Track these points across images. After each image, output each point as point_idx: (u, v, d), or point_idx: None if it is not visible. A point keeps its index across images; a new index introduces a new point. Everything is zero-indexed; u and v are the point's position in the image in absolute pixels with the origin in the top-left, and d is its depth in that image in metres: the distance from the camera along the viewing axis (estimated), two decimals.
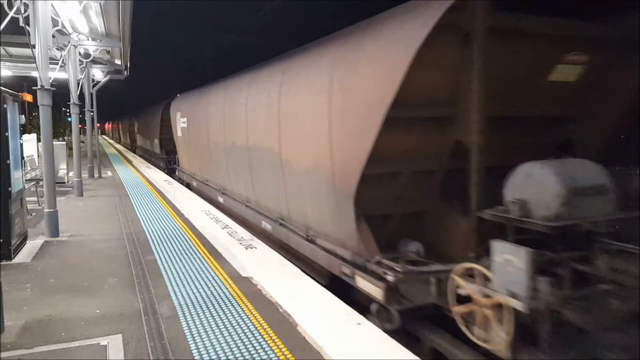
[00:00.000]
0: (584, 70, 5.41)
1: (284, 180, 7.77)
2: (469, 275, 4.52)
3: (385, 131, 4.91)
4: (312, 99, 6.50)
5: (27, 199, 9.42)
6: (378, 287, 5.25)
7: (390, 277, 5.04)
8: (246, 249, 7.67)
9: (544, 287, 3.94)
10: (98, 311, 5.15)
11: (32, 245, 8.00)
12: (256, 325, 4.73)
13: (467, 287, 4.49)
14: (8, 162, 6.93)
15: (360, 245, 5.67)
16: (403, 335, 5.29)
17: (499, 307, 4.21)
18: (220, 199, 12.12)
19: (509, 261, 4.09)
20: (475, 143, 4.78)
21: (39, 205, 11.64)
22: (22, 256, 7.36)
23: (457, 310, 4.61)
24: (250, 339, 4.43)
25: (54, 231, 8.59)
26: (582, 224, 4.21)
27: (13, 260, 7.10)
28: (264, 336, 4.49)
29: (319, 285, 5.94)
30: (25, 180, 10.19)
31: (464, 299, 4.61)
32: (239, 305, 5.28)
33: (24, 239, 7.97)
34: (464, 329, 4.60)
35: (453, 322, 4.73)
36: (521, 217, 4.34)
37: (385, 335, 4.50)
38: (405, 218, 5.96)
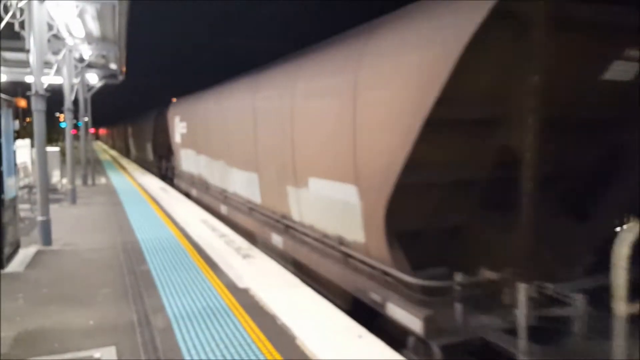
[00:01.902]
0: None
1: None
2: None
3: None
4: None
5: (20, 206, 9.29)
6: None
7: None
8: (243, 258, 7.58)
9: None
10: (91, 322, 5.05)
11: (25, 254, 7.87)
12: (253, 338, 4.64)
13: None
14: (1, 169, 6.84)
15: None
16: None
17: None
18: None
19: None
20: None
21: (32, 213, 11.49)
22: (15, 265, 7.23)
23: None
24: (247, 352, 4.35)
25: (47, 240, 8.46)
26: None
27: (5, 269, 6.97)
28: (262, 349, 4.41)
29: (319, 296, 5.86)
30: (18, 187, 10.07)
31: None
32: (236, 316, 5.19)
33: (16, 248, 7.84)
34: None
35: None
36: None
37: (387, 347, 4.42)
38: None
